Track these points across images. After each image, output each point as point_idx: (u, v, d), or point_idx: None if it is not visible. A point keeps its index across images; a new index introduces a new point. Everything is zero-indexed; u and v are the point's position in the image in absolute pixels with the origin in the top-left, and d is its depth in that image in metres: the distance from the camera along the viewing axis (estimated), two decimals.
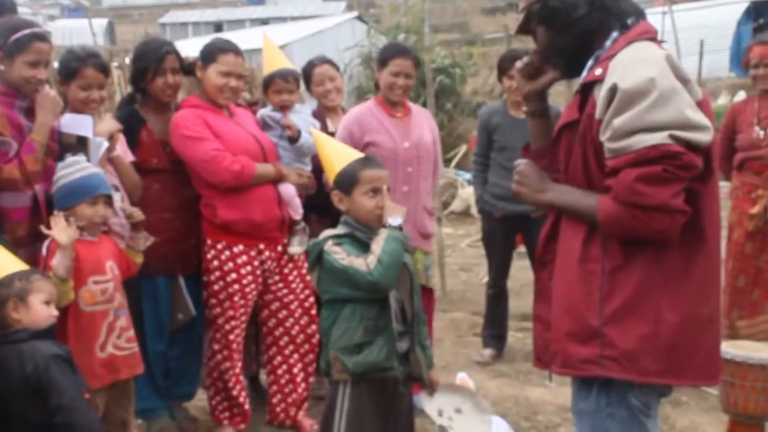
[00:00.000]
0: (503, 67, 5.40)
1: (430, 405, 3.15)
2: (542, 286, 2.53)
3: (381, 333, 2.94)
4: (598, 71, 2.31)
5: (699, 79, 16.45)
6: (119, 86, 8.95)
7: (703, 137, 2.16)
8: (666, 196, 2.14)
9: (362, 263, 2.90)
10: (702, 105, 2.22)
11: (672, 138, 2.13)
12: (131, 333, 3.52)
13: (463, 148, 12.77)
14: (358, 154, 3.16)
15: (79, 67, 3.73)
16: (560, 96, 9.71)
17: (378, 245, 2.92)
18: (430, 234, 4.64)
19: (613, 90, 2.21)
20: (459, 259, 8.87)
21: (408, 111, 4.60)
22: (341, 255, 2.94)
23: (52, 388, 2.76)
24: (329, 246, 2.98)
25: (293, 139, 4.26)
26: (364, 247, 2.98)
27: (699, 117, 2.16)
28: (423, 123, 4.63)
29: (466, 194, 10.98)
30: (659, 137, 2.13)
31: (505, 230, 5.50)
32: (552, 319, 2.43)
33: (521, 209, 5.11)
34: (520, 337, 6.09)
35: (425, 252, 4.60)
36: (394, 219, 3.00)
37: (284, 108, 4.34)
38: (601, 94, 2.25)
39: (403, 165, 4.45)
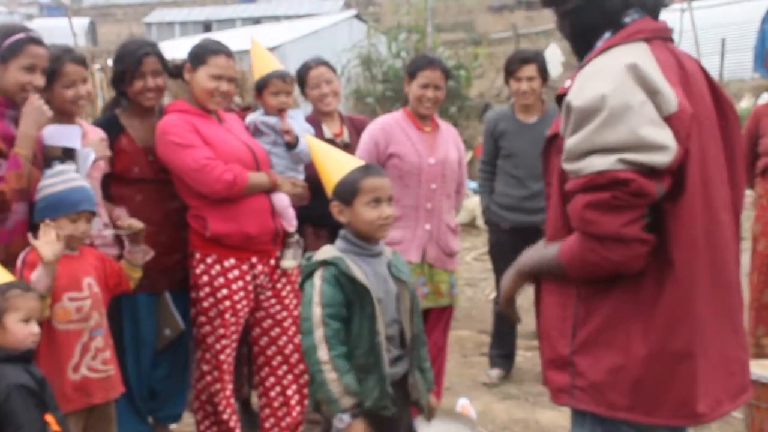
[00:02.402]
0: (511, 69, 5.42)
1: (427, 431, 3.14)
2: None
3: (371, 372, 2.92)
4: (567, 83, 2.31)
5: (720, 80, 16.47)
6: (101, 90, 8.97)
7: (660, 158, 2.07)
8: (617, 224, 2.09)
9: (321, 335, 2.87)
10: (674, 118, 2.12)
11: (623, 162, 2.07)
12: (108, 354, 3.49)
13: (469, 155, 12.78)
14: (357, 162, 3.14)
15: (58, 66, 3.73)
16: None
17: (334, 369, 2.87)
18: (454, 252, 4.66)
19: (568, 107, 2.19)
20: (464, 273, 8.86)
21: (436, 126, 4.64)
22: (316, 300, 2.91)
23: (9, 421, 2.72)
24: (317, 276, 2.96)
25: (291, 145, 4.27)
26: (360, 266, 2.97)
27: (657, 135, 2.08)
28: (450, 140, 4.67)
29: (472, 204, 10.98)
30: (607, 162, 2.08)
31: (514, 243, 5.45)
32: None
33: (530, 220, 5.13)
34: (529, 356, 6.09)
35: (450, 270, 4.62)
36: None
37: (281, 111, 4.35)
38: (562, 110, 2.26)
39: (427, 181, 4.48)
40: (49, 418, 2.86)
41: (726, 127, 2.33)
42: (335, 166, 3.11)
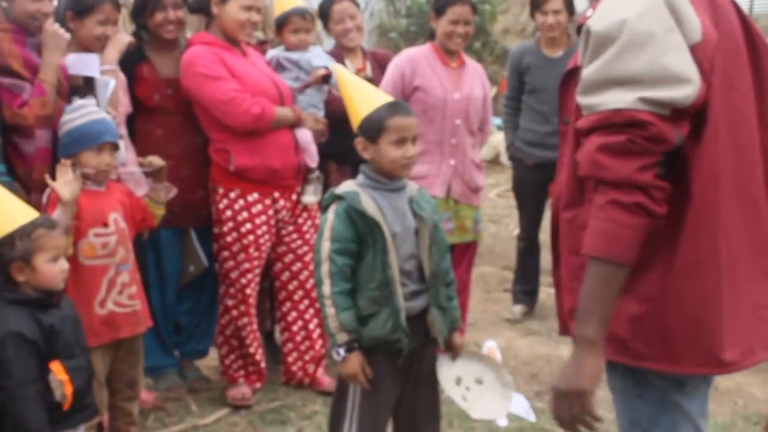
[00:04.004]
0: (537, 2, 5.33)
1: (450, 370, 3.13)
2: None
3: (385, 305, 2.92)
4: (589, 12, 2.14)
5: (751, 15, 16.14)
6: (123, 25, 8.93)
7: (683, 92, 1.92)
8: (630, 169, 1.92)
9: (326, 270, 2.90)
10: (698, 48, 1.97)
11: (643, 102, 1.91)
12: (134, 289, 3.50)
13: (493, 91, 12.69)
14: (385, 98, 3.10)
15: (97, 2, 3.75)
16: None
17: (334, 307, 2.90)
18: (479, 188, 4.63)
19: (588, 33, 2.03)
20: (488, 210, 8.84)
21: (462, 63, 4.58)
22: (326, 234, 2.93)
23: (0, 368, 2.73)
24: (331, 210, 2.96)
25: (326, 78, 4.27)
26: (376, 200, 2.97)
27: (682, 66, 1.93)
28: (475, 77, 4.62)
29: (496, 141, 10.92)
30: (627, 100, 1.92)
31: (538, 179, 5.46)
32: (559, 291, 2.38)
33: (555, 156, 5.00)
34: (552, 293, 6.05)
35: (475, 206, 4.61)
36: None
37: (299, 47, 4.34)
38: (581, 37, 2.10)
39: (452, 117, 4.44)
40: (55, 366, 2.83)
41: (757, 63, 2.18)
42: (363, 100, 3.06)
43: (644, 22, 1.95)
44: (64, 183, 3.21)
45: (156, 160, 3.67)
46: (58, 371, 2.83)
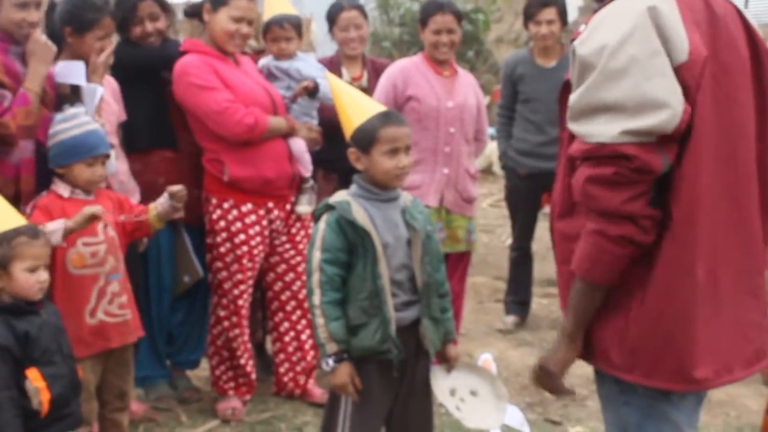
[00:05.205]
0: (530, 12, 5.34)
1: (444, 381, 3.12)
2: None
3: (374, 315, 2.91)
4: (582, 27, 2.16)
5: None
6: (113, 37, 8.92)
7: (661, 120, 1.93)
8: (619, 200, 1.97)
9: (316, 280, 2.90)
10: (684, 68, 1.98)
11: (626, 134, 1.94)
12: (124, 299, 3.48)
13: (486, 100, 12.70)
14: (378, 107, 3.09)
15: (98, 17, 3.73)
16: None
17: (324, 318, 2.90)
18: (472, 198, 4.64)
19: (574, 54, 2.07)
20: (480, 219, 8.78)
21: (454, 71, 4.60)
22: (317, 244, 2.92)
23: None
24: (323, 220, 2.96)
25: (313, 93, 4.25)
26: (368, 210, 2.96)
27: (663, 92, 1.94)
28: (468, 86, 4.65)
29: (489, 150, 10.90)
30: (610, 134, 1.95)
31: (530, 189, 5.47)
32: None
33: (547, 166, 5.07)
34: (545, 303, 6.09)
35: (468, 216, 4.61)
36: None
37: (281, 56, 4.35)
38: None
39: (446, 125, 4.46)
40: (32, 373, 2.80)
41: (760, 75, 2.18)
42: (356, 109, 3.06)
43: (625, 48, 1.96)
44: (94, 211, 3.19)
45: (181, 194, 3.58)
46: (34, 378, 2.79)
